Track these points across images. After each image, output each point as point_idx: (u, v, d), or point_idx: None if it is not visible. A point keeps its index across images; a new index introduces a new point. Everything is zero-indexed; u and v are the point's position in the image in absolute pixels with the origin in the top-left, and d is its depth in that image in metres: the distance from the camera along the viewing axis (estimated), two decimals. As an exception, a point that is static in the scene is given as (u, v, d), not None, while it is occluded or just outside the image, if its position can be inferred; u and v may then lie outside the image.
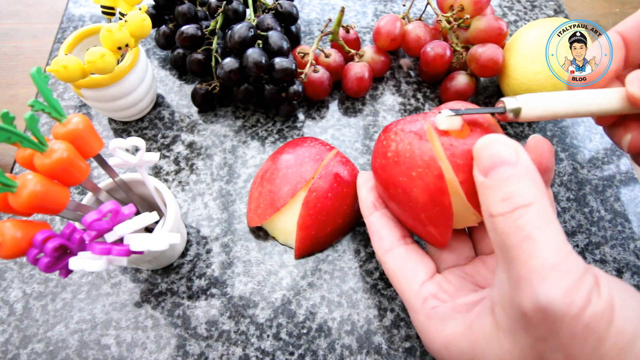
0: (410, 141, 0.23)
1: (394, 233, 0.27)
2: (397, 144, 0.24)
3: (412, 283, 0.24)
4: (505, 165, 0.19)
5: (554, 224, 0.18)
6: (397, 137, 0.24)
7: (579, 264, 0.17)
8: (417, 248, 0.27)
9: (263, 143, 0.40)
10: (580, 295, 0.16)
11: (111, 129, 0.41)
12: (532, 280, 0.17)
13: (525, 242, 0.18)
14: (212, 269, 0.34)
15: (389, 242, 0.26)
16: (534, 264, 0.17)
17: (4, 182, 0.20)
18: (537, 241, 0.18)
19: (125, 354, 0.31)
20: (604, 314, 0.16)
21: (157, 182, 0.31)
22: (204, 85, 0.40)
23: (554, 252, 0.17)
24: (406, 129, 0.24)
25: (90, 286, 0.33)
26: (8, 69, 0.47)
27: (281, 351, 0.31)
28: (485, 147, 0.21)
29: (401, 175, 0.24)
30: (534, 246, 0.17)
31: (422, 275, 0.24)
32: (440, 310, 0.22)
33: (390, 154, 0.24)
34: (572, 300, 0.16)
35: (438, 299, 0.23)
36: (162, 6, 0.42)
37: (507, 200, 0.19)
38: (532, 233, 0.18)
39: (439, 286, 0.24)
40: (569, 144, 0.42)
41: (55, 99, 0.23)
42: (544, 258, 0.17)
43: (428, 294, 0.23)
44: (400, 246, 0.26)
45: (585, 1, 0.58)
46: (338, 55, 0.42)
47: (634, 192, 0.39)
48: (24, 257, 0.22)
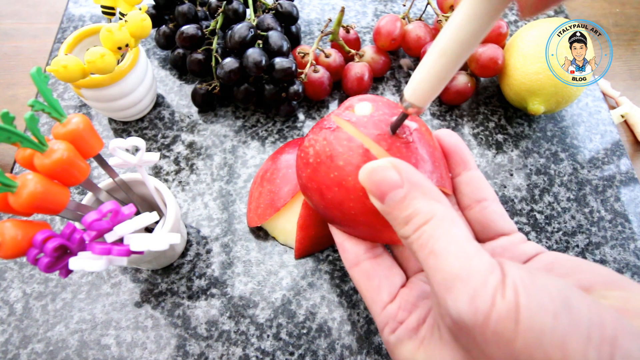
0: (325, 136, 0.23)
1: (359, 245, 0.25)
2: (314, 146, 0.24)
3: (376, 303, 0.23)
4: (394, 188, 0.19)
5: (454, 227, 0.18)
6: (312, 140, 0.24)
7: (482, 265, 0.17)
8: (385, 259, 0.25)
9: (263, 143, 0.40)
10: (483, 301, 0.16)
11: (111, 129, 0.41)
12: (443, 294, 0.17)
13: (430, 257, 0.18)
14: (212, 269, 0.34)
15: (353, 256, 0.25)
16: (441, 278, 0.17)
17: (4, 182, 0.20)
18: (439, 254, 0.18)
19: (125, 354, 0.31)
20: (508, 316, 0.16)
21: (157, 182, 0.31)
22: (204, 85, 0.40)
23: (456, 260, 0.17)
24: (316, 130, 0.24)
25: (90, 286, 0.33)
26: (8, 69, 0.47)
27: (281, 351, 0.31)
28: (368, 177, 0.20)
29: (330, 170, 0.23)
30: (437, 260, 0.18)
31: (385, 296, 0.23)
32: (398, 333, 0.22)
33: (311, 159, 0.24)
34: (477, 308, 0.16)
35: (397, 321, 0.23)
36: (162, 6, 0.42)
37: (408, 222, 0.19)
38: (434, 247, 0.18)
39: (400, 303, 0.23)
40: (569, 144, 0.42)
41: (55, 99, 0.22)
42: (447, 270, 0.17)
43: (388, 318, 0.23)
44: (366, 260, 0.24)
45: (585, 1, 0.58)
46: (338, 55, 0.42)
47: (634, 192, 0.39)
48: (24, 257, 0.22)
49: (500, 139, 0.42)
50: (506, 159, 0.41)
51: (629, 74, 0.52)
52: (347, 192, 0.22)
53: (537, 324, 0.16)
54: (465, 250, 0.18)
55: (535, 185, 0.39)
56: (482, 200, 0.25)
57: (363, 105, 0.24)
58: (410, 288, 0.24)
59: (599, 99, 0.45)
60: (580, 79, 0.37)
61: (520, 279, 0.17)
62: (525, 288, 0.16)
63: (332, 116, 0.24)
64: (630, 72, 0.53)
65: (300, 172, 0.25)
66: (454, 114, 0.43)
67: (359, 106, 0.24)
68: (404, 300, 0.23)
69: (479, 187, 0.25)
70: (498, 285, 0.17)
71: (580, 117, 0.44)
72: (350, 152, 0.22)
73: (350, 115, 0.23)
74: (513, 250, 0.24)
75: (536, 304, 0.16)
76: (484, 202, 0.25)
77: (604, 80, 0.50)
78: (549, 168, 0.40)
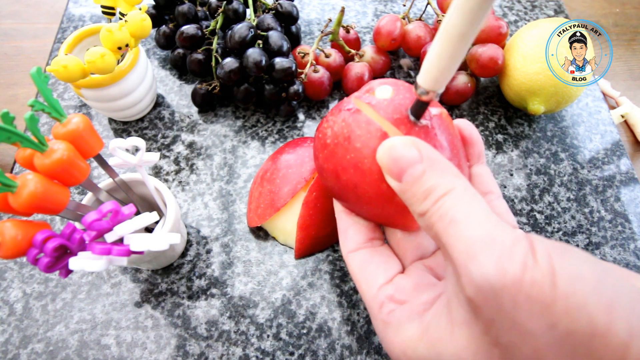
0: (344, 117, 0.23)
1: (361, 233, 0.25)
2: (332, 127, 0.24)
3: (371, 286, 0.23)
4: (413, 164, 0.19)
5: (475, 200, 0.18)
6: (330, 122, 0.24)
7: (508, 233, 0.17)
8: (384, 250, 0.25)
9: (263, 143, 0.40)
10: (513, 263, 0.16)
11: (111, 129, 0.41)
12: (465, 261, 0.17)
13: (450, 226, 0.17)
14: (212, 269, 0.34)
15: (354, 243, 0.25)
16: (463, 245, 0.17)
17: (4, 182, 0.20)
18: (460, 222, 0.17)
19: (125, 354, 0.31)
20: (543, 279, 0.15)
21: (157, 182, 0.31)
22: (204, 85, 0.40)
23: (479, 227, 0.17)
24: (335, 112, 0.24)
25: (90, 286, 0.33)
26: (8, 69, 0.47)
27: (281, 351, 0.31)
28: (387, 154, 0.20)
29: (347, 153, 0.23)
30: (459, 227, 0.17)
31: (382, 278, 0.23)
32: (396, 315, 0.21)
33: (329, 140, 0.24)
34: (505, 270, 0.15)
35: (395, 301, 0.22)
36: (162, 6, 0.42)
37: (427, 196, 0.19)
38: (455, 216, 0.18)
39: (397, 287, 0.23)
40: (569, 144, 0.42)
41: (55, 99, 0.22)
42: (470, 236, 0.17)
43: (385, 298, 0.22)
44: (365, 248, 0.25)
45: (585, 1, 0.58)
46: (338, 55, 0.42)
47: (634, 192, 0.39)
48: (24, 257, 0.22)
49: (500, 139, 0.42)
50: (506, 159, 0.41)
51: (629, 74, 0.53)
52: (363, 175, 0.22)
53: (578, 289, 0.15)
54: (489, 220, 0.17)
55: (535, 185, 0.39)
56: (489, 193, 0.25)
57: (384, 89, 0.24)
58: (408, 275, 0.24)
59: (599, 99, 0.45)
60: (580, 79, 0.37)
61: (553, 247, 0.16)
62: (559, 256, 0.16)
63: (352, 98, 0.24)
64: (630, 72, 0.53)
65: (317, 152, 0.25)
66: (454, 114, 0.43)
67: (380, 89, 0.24)
68: (401, 285, 0.23)
69: (487, 181, 0.25)
70: (527, 251, 0.16)
71: (580, 117, 0.44)
72: (369, 134, 0.22)
73: (370, 98, 0.23)
74: None
75: (574, 270, 0.15)
76: (490, 195, 0.25)
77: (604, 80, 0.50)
78: (549, 168, 0.40)
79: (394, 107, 0.22)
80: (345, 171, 0.23)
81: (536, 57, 0.38)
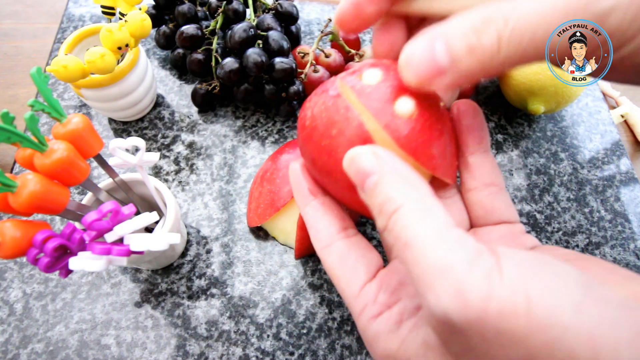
0: (324, 100, 0.22)
1: (332, 224, 0.23)
2: (312, 109, 0.23)
3: (351, 284, 0.21)
4: (369, 175, 0.18)
5: (428, 216, 0.16)
6: (312, 102, 0.23)
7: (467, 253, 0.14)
8: (360, 240, 0.23)
9: (263, 143, 0.40)
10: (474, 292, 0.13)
11: (111, 129, 0.41)
12: (424, 291, 0.15)
13: (406, 250, 0.16)
14: (212, 269, 0.34)
15: (327, 236, 0.23)
16: (420, 272, 0.15)
17: (4, 182, 0.20)
18: (413, 245, 0.15)
19: (125, 354, 0.31)
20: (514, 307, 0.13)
21: (157, 182, 0.31)
22: (204, 85, 0.40)
23: (433, 251, 0.15)
24: (319, 92, 0.23)
25: (90, 286, 0.33)
26: (8, 69, 0.47)
27: (281, 351, 0.31)
28: (350, 165, 0.19)
29: (323, 138, 0.21)
30: (413, 252, 0.15)
31: (362, 274, 0.21)
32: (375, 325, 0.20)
33: (307, 122, 0.23)
34: (466, 302, 0.13)
35: (377, 303, 0.20)
36: (162, 6, 0.42)
37: (381, 213, 0.17)
38: (407, 238, 0.16)
39: (380, 285, 0.21)
40: (569, 144, 0.42)
41: (55, 99, 0.23)
42: (424, 262, 0.15)
43: (367, 300, 0.20)
44: (340, 240, 0.22)
45: (585, 1, 0.58)
46: (338, 55, 0.42)
47: (634, 192, 0.39)
48: (24, 257, 0.22)
49: (500, 139, 0.42)
50: (506, 159, 0.41)
51: (629, 74, 0.52)
52: (336, 164, 0.21)
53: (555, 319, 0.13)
54: (443, 238, 0.15)
55: (535, 185, 0.40)
56: (491, 185, 0.23)
57: (372, 73, 0.22)
58: (390, 269, 0.22)
59: (599, 99, 0.45)
60: (580, 79, 0.37)
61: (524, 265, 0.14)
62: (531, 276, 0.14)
63: (337, 79, 0.23)
64: (630, 72, 0.53)
65: (299, 132, 0.24)
66: (454, 114, 0.43)
67: (368, 73, 0.22)
68: (385, 282, 0.21)
69: (491, 172, 0.23)
70: (491, 269, 0.14)
71: (580, 117, 0.44)
72: (345, 122, 0.21)
73: (355, 82, 0.22)
74: (510, 240, 0.22)
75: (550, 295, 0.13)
76: (493, 187, 0.23)
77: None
78: (549, 168, 0.40)
79: (379, 95, 0.21)
80: (320, 157, 0.22)
81: (536, 57, 0.38)
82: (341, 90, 0.22)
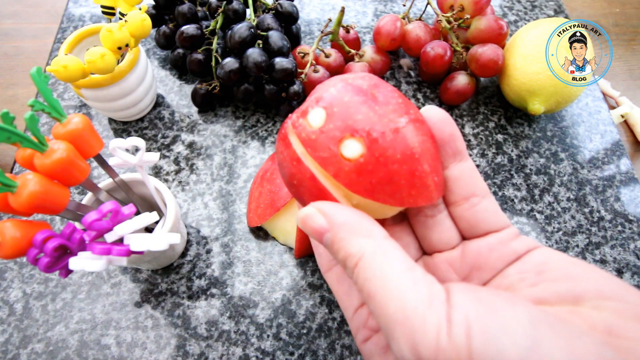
0: (282, 149, 0.21)
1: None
2: (278, 155, 0.22)
3: (347, 308, 0.22)
4: (322, 234, 0.18)
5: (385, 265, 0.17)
6: (277, 148, 0.22)
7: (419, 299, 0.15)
8: None
9: (263, 143, 0.40)
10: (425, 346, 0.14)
11: (111, 129, 0.41)
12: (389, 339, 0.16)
13: (370, 302, 0.16)
14: (212, 269, 0.34)
15: (326, 260, 0.24)
16: (383, 323, 0.16)
17: (4, 182, 0.20)
18: (374, 297, 0.16)
19: (125, 354, 0.31)
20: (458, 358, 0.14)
21: (157, 182, 0.31)
22: (204, 85, 0.40)
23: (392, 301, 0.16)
24: (280, 131, 0.22)
25: (90, 286, 0.33)
26: (8, 69, 0.47)
27: (281, 351, 0.31)
28: (304, 227, 0.19)
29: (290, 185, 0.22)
30: (375, 304, 0.16)
31: (355, 300, 0.22)
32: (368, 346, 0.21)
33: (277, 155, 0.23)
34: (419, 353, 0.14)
35: (367, 328, 0.21)
36: (162, 6, 0.42)
37: (345, 267, 0.18)
38: (370, 290, 0.16)
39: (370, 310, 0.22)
40: (569, 144, 0.42)
41: (55, 99, 0.22)
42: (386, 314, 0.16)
43: (359, 324, 0.22)
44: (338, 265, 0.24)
45: (585, 1, 0.58)
46: (338, 55, 0.42)
47: (634, 192, 0.39)
48: (24, 257, 0.22)
49: (500, 139, 0.42)
50: (506, 159, 0.41)
51: (629, 74, 0.52)
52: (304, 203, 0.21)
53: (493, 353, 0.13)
54: (400, 287, 0.16)
55: (535, 185, 0.39)
56: (471, 197, 0.22)
57: (316, 114, 0.20)
58: None
59: (599, 99, 0.45)
60: (580, 79, 0.37)
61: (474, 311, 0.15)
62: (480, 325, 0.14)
63: (288, 123, 0.22)
64: (630, 72, 0.53)
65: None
66: (454, 114, 0.43)
67: (312, 114, 0.20)
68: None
69: (469, 182, 0.22)
70: (440, 322, 0.15)
71: (580, 117, 0.44)
72: (300, 175, 0.20)
73: (301, 128, 0.20)
74: (501, 250, 0.22)
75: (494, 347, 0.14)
76: (473, 198, 0.22)
77: (604, 80, 0.50)
78: (549, 168, 0.40)
79: (324, 141, 0.19)
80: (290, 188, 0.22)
81: (536, 57, 0.38)
82: (292, 139, 0.21)
